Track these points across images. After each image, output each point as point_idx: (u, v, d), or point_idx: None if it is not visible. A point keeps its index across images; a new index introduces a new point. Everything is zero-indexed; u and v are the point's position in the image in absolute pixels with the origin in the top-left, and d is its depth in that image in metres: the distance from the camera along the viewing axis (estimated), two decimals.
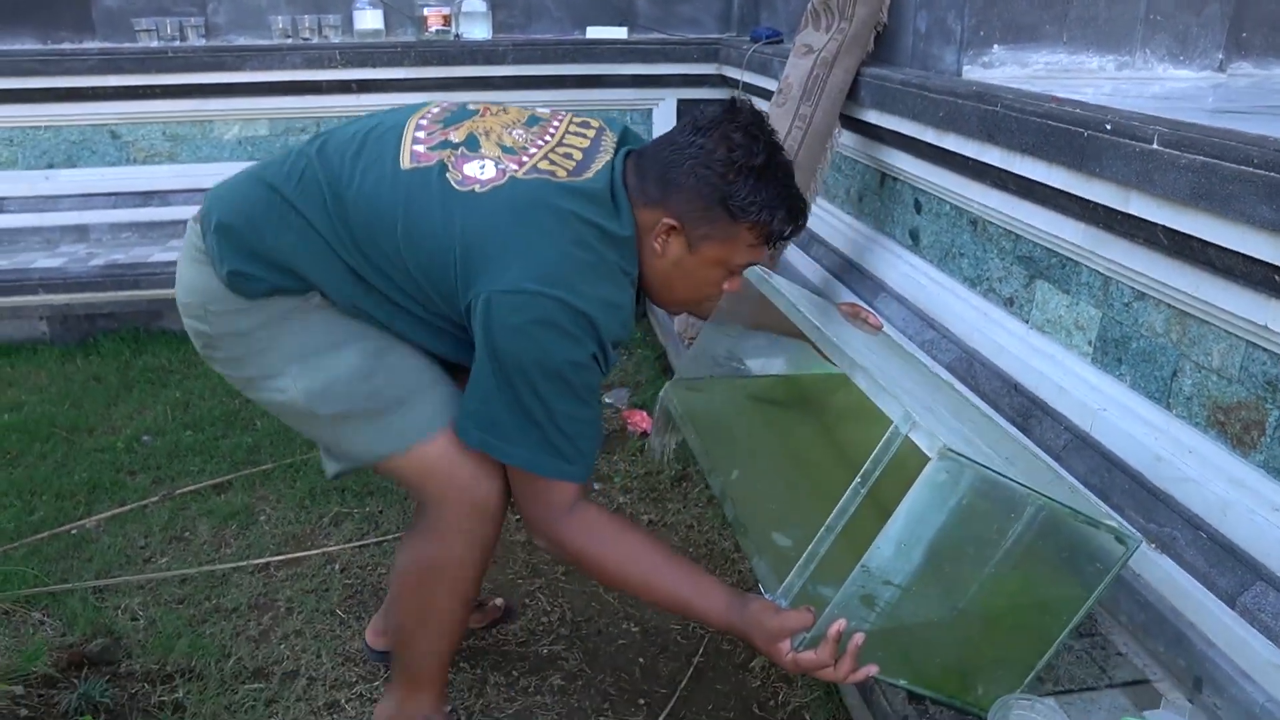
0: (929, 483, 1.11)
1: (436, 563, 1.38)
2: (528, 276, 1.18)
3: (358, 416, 1.35)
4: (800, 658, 1.19)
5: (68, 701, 1.65)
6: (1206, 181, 1.36)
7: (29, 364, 3.24)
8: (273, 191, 1.30)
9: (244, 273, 1.30)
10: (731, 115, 1.28)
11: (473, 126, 1.33)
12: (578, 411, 1.25)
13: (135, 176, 3.81)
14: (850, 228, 2.85)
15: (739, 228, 1.29)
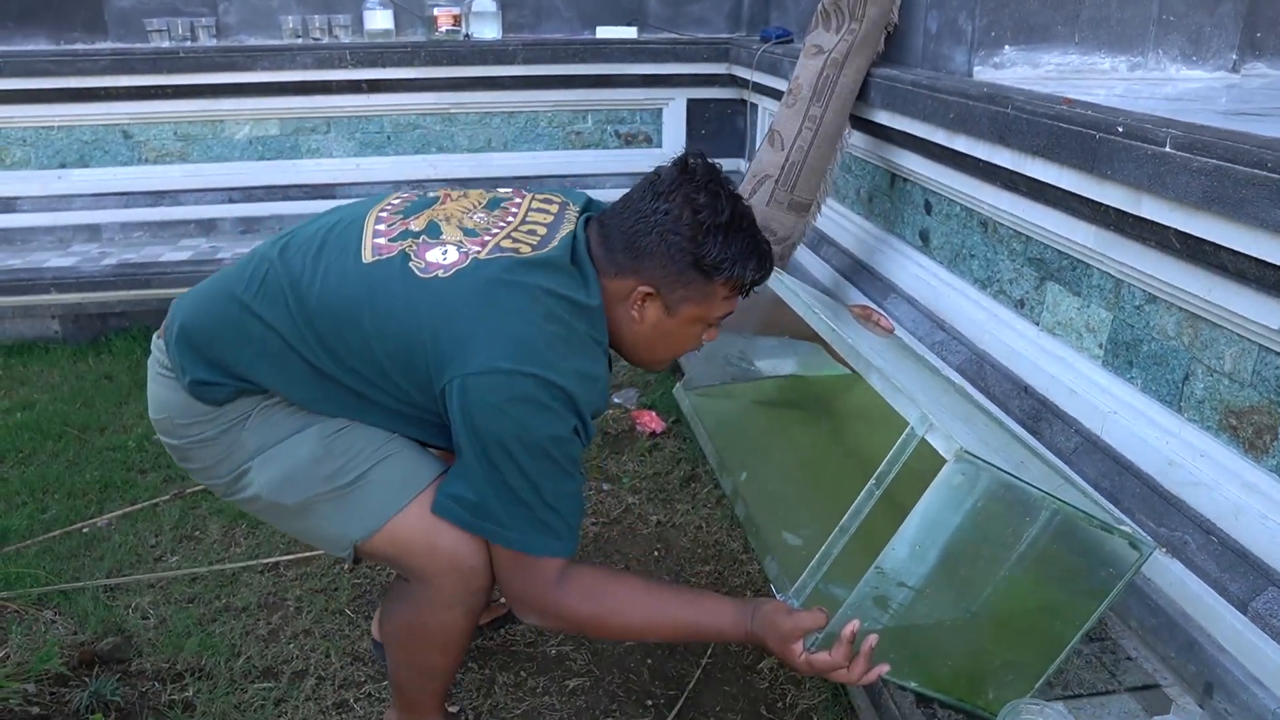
0: (945, 485, 1.10)
1: (427, 630, 1.36)
2: (501, 356, 1.18)
3: (323, 501, 1.32)
4: (814, 659, 1.19)
5: (79, 699, 1.66)
6: (1219, 185, 1.35)
7: (41, 363, 3.26)
8: (233, 301, 1.30)
9: (206, 381, 1.31)
10: (689, 175, 1.27)
11: (433, 214, 1.33)
12: (563, 485, 1.24)
13: (147, 176, 3.83)
14: (860, 228, 2.84)
15: (714, 285, 1.29)
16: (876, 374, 1.28)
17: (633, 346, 1.36)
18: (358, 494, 1.31)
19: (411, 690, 1.49)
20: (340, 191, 3.96)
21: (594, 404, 1.25)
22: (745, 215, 1.30)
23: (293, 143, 3.90)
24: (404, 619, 1.38)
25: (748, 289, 1.33)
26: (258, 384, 1.32)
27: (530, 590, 1.27)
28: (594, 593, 1.28)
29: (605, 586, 1.30)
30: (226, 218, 3.90)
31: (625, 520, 2.27)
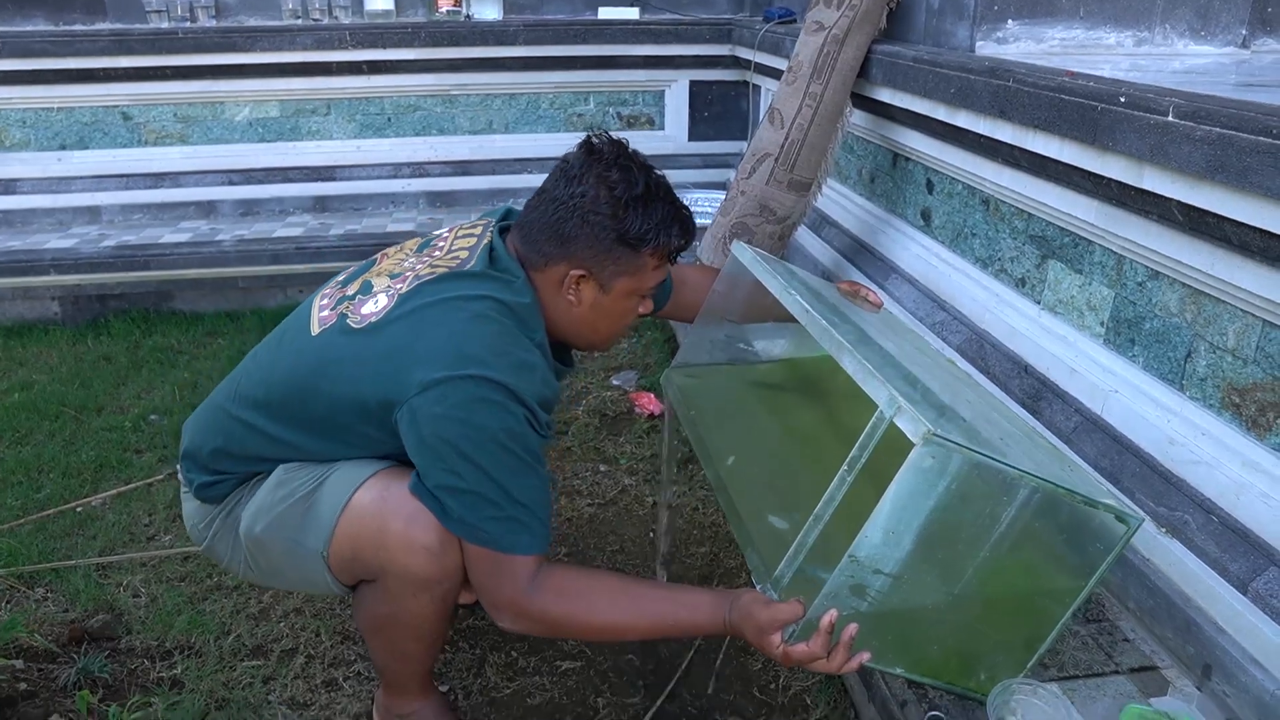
0: (915, 468, 1.07)
1: (397, 620, 1.35)
2: (435, 368, 1.19)
3: (287, 525, 1.33)
4: (792, 650, 1.17)
5: (67, 676, 1.65)
6: (1223, 154, 1.31)
7: (40, 344, 3.26)
8: (220, 411, 1.41)
9: (207, 483, 1.41)
10: (597, 155, 1.30)
11: (366, 276, 1.39)
12: (527, 480, 1.23)
13: (147, 158, 3.82)
14: (862, 209, 2.81)
15: (642, 256, 1.32)
16: (849, 355, 1.25)
17: (577, 330, 1.38)
18: (313, 507, 1.31)
19: (394, 674, 1.48)
20: (340, 174, 3.95)
21: (538, 392, 1.25)
22: (660, 184, 1.33)
23: (293, 124, 3.88)
24: (373, 611, 1.37)
25: (674, 255, 1.37)
26: (252, 472, 1.40)
27: (504, 590, 1.25)
28: (570, 593, 1.26)
29: (580, 584, 1.28)
30: (226, 199, 3.88)
31: (621, 501, 2.25)
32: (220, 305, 3.55)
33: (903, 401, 1.10)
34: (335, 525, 1.28)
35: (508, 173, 4.01)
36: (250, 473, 1.40)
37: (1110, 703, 1.38)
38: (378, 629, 1.39)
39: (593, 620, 1.27)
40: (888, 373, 1.21)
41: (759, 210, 2.52)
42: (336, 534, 1.29)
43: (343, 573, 1.33)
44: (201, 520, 1.46)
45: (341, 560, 1.31)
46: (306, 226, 3.75)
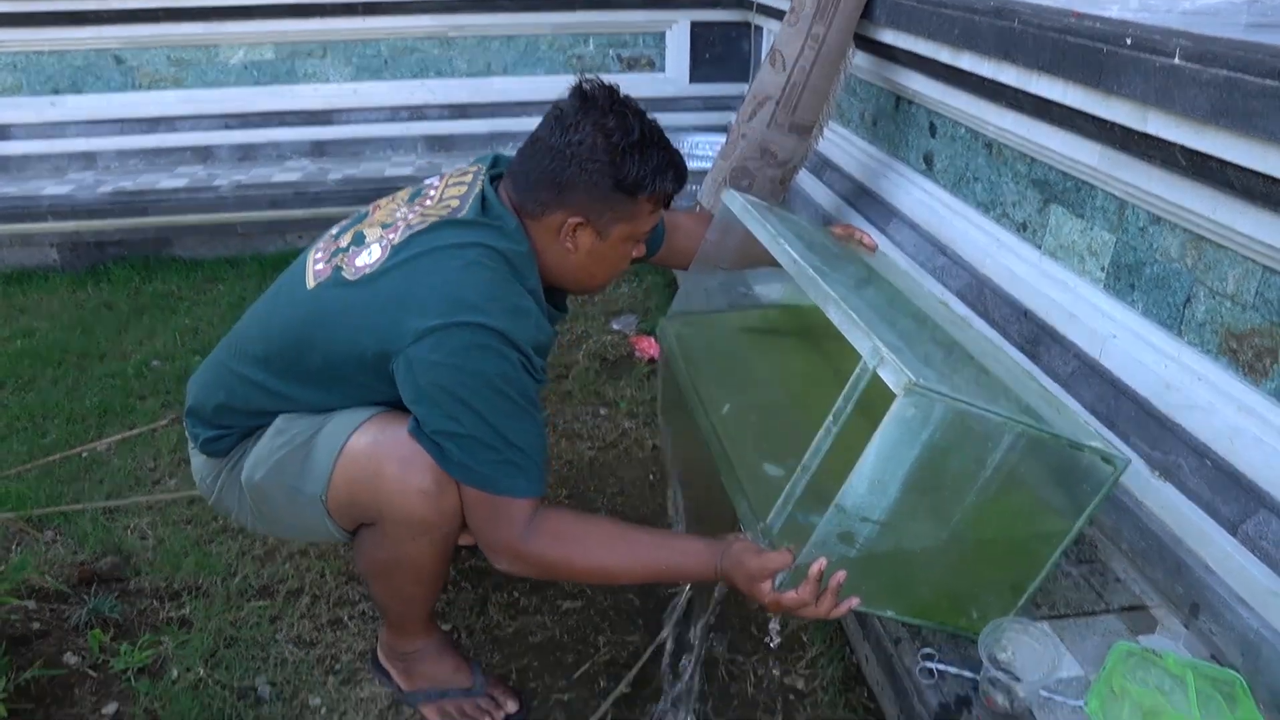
0: (897, 419, 1.08)
1: (397, 564, 1.37)
2: (430, 316, 1.20)
3: (285, 467, 1.34)
4: (782, 597, 1.20)
5: (78, 616, 1.69)
6: (1228, 97, 1.30)
7: (40, 290, 3.26)
8: (221, 367, 1.43)
9: (211, 437, 1.44)
10: (591, 102, 1.29)
11: (358, 227, 1.38)
12: (522, 423, 1.24)
13: (142, 102, 3.77)
14: (864, 152, 2.78)
15: (639, 202, 1.32)
16: (834, 305, 1.25)
17: (574, 276, 1.39)
18: (311, 453, 1.32)
19: (396, 614, 1.51)
20: (338, 117, 3.90)
21: (532, 337, 1.26)
22: (654, 129, 1.33)
23: (289, 67, 3.82)
24: (373, 556, 1.39)
25: (669, 200, 1.37)
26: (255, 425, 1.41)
27: (502, 533, 1.27)
28: (565, 535, 1.29)
29: (576, 529, 1.30)
30: (223, 144, 3.85)
31: (621, 444, 2.27)
32: (220, 251, 3.54)
33: (885, 352, 1.10)
34: (332, 470, 1.29)
35: (507, 115, 3.97)
36: (253, 426, 1.41)
37: (1099, 640, 1.41)
38: (378, 573, 1.41)
39: (588, 564, 1.29)
40: (874, 322, 1.21)
41: (759, 154, 2.50)
42: (333, 479, 1.30)
43: (342, 517, 1.35)
44: (209, 475, 1.48)
45: (340, 505, 1.33)
46: (305, 171, 3.73)
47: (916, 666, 1.37)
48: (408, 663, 1.54)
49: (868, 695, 1.56)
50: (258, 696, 1.56)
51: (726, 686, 1.60)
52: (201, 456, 1.48)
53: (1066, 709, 1.29)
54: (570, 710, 1.56)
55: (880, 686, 1.52)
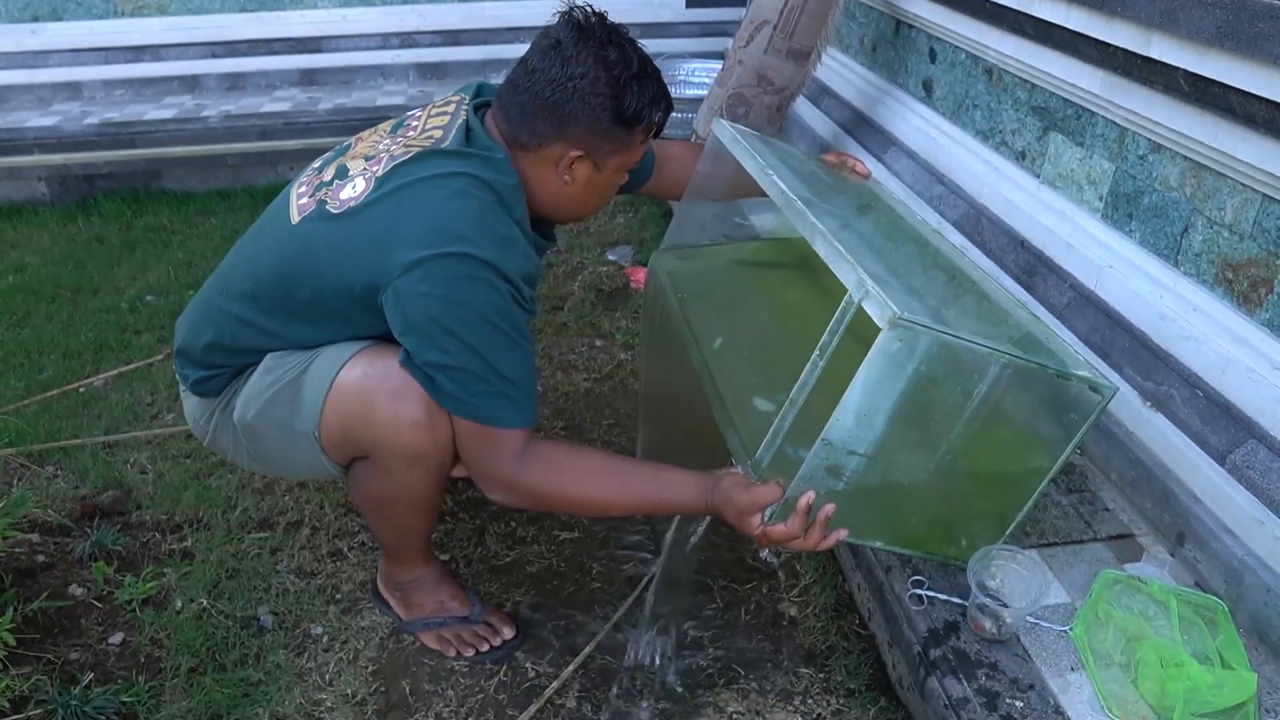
0: (883, 352, 1.08)
1: (391, 495, 1.38)
2: (418, 247, 1.19)
3: (276, 404, 1.34)
4: (770, 530, 1.22)
5: (82, 549, 1.71)
6: (1234, 19, 1.26)
7: (30, 225, 3.23)
8: (210, 305, 1.42)
9: (201, 378, 1.44)
10: (587, 32, 1.26)
11: (341, 160, 1.36)
12: (514, 355, 1.24)
13: (125, 30, 3.68)
14: (863, 79, 2.73)
15: (635, 134, 1.32)
16: (821, 238, 1.24)
17: (568, 206, 1.38)
18: (302, 389, 1.32)
19: (394, 545, 1.53)
20: (327, 45, 3.81)
21: (521, 267, 1.25)
22: (646, 58, 1.32)
23: None
24: (368, 488, 1.40)
25: (659, 130, 1.38)
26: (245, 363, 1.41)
27: (494, 464, 1.28)
28: (557, 466, 1.29)
29: (568, 460, 1.31)
30: (211, 73, 3.77)
31: (617, 376, 2.28)
32: (210, 184, 3.49)
33: (870, 285, 1.10)
34: (323, 405, 1.30)
35: (500, 42, 3.88)
36: (244, 365, 1.41)
37: (1086, 568, 1.44)
38: (374, 505, 1.43)
39: (579, 495, 1.30)
40: (861, 254, 1.20)
41: (756, 80, 2.45)
42: (325, 414, 1.30)
43: (336, 452, 1.36)
44: (202, 415, 1.48)
45: (332, 440, 1.33)
46: (294, 101, 3.66)
47: (906, 593, 1.40)
48: (405, 592, 1.57)
49: (859, 622, 1.59)
50: (260, 626, 1.59)
51: (720, 613, 1.63)
52: (194, 398, 1.48)
53: (1052, 634, 1.32)
54: (566, 637, 1.60)
55: (871, 613, 1.55)
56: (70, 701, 1.39)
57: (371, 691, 1.48)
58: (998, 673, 1.27)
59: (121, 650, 1.54)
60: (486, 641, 1.55)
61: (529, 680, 1.52)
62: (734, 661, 1.54)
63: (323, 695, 1.47)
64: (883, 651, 1.51)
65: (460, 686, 1.50)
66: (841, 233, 1.28)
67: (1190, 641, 1.28)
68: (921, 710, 1.34)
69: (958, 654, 1.30)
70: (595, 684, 1.51)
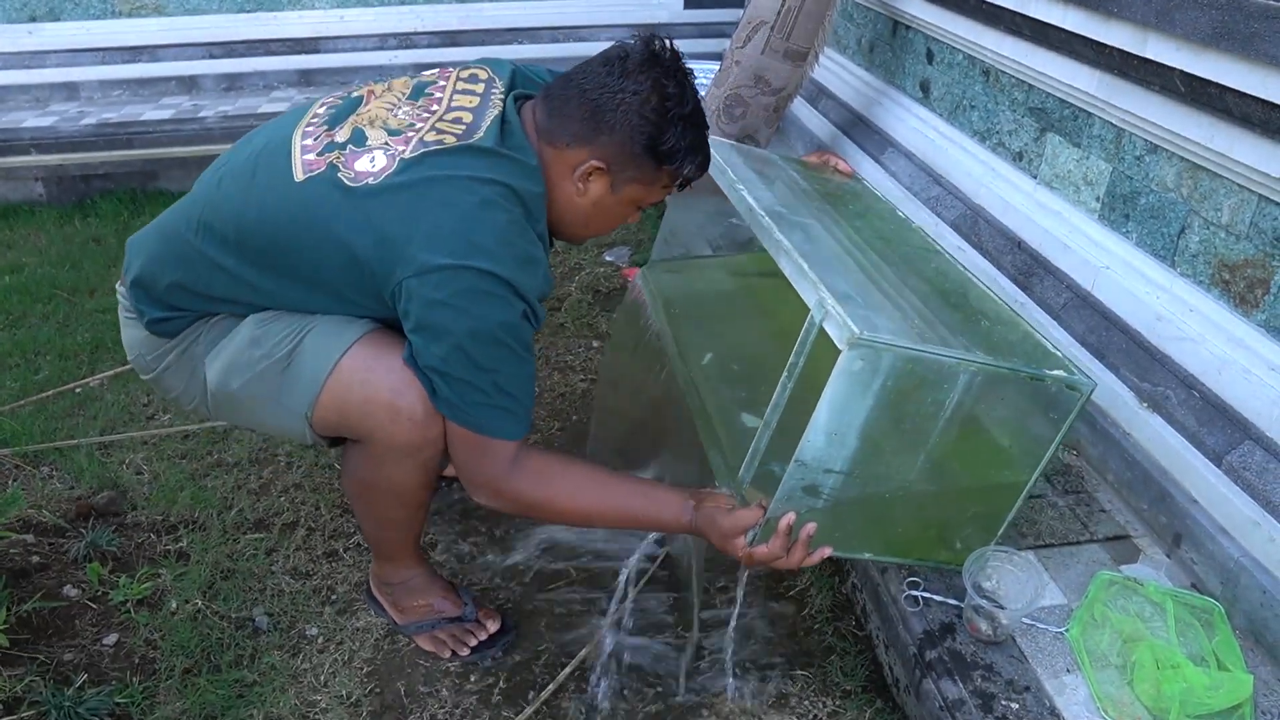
0: (845, 372, 1.08)
1: (379, 485, 1.38)
2: (441, 252, 1.16)
3: (266, 381, 1.32)
4: (754, 552, 1.23)
5: (77, 549, 1.71)
6: (1229, 19, 1.26)
7: (27, 225, 3.22)
8: (181, 242, 1.33)
9: (160, 318, 1.37)
10: (658, 60, 1.25)
11: (356, 120, 1.30)
12: (518, 371, 1.24)
13: (123, 30, 3.68)
14: (860, 80, 2.73)
15: (661, 172, 1.29)
16: (785, 256, 1.24)
17: (570, 220, 1.34)
18: (294, 366, 1.30)
19: (383, 543, 1.52)
20: (325, 45, 3.81)
21: (538, 288, 1.24)
22: (701, 111, 1.30)
23: None
24: (357, 476, 1.39)
25: (686, 184, 1.34)
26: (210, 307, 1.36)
27: (485, 472, 1.28)
28: (546, 478, 1.30)
29: (557, 472, 1.31)
30: (208, 74, 3.76)
31: None
32: None
33: (830, 305, 1.10)
34: (321, 389, 1.28)
35: (498, 43, 3.88)
36: (210, 311, 1.36)
37: (1083, 569, 1.43)
38: (362, 493, 1.42)
39: (566, 507, 1.31)
40: (827, 269, 1.20)
41: (753, 81, 2.44)
42: (322, 398, 1.29)
43: (325, 430, 1.34)
44: (150, 351, 1.41)
45: (326, 423, 1.32)
46: (292, 101, 3.65)
47: (902, 595, 1.39)
48: (397, 595, 1.56)
49: (855, 623, 1.59)
50: (255, 627, 1.59)
51: (718, 613, 1.63)
52: (143, 332, 1.40)
53: (1048, 635, 1.32)
54: (562, 637, 1.59)
55: (867, 614, 1.55)
56: (64, 703, 1.39)
57: (366, 693, 1.48)
58: (993, 674, 1.26)
59: (116, 651, 1.54)
60: (474, 637, 1.54)
61: (524, 681, 1.51)
62: (730, 662, 1.53)
63: (317, 696, 1.46)
64: (879, 653, 1.50)
65: (455, 687, 1.50)
66: (809, 246, 1.29)
67: (1186, 643, 1.28)
68: (917, 712, 1.34)
69: (953, 655, 1.30)
70: (590, 685, 1.51)
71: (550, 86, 1.31)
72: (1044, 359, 1.24)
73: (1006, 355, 1.21)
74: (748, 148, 1.76)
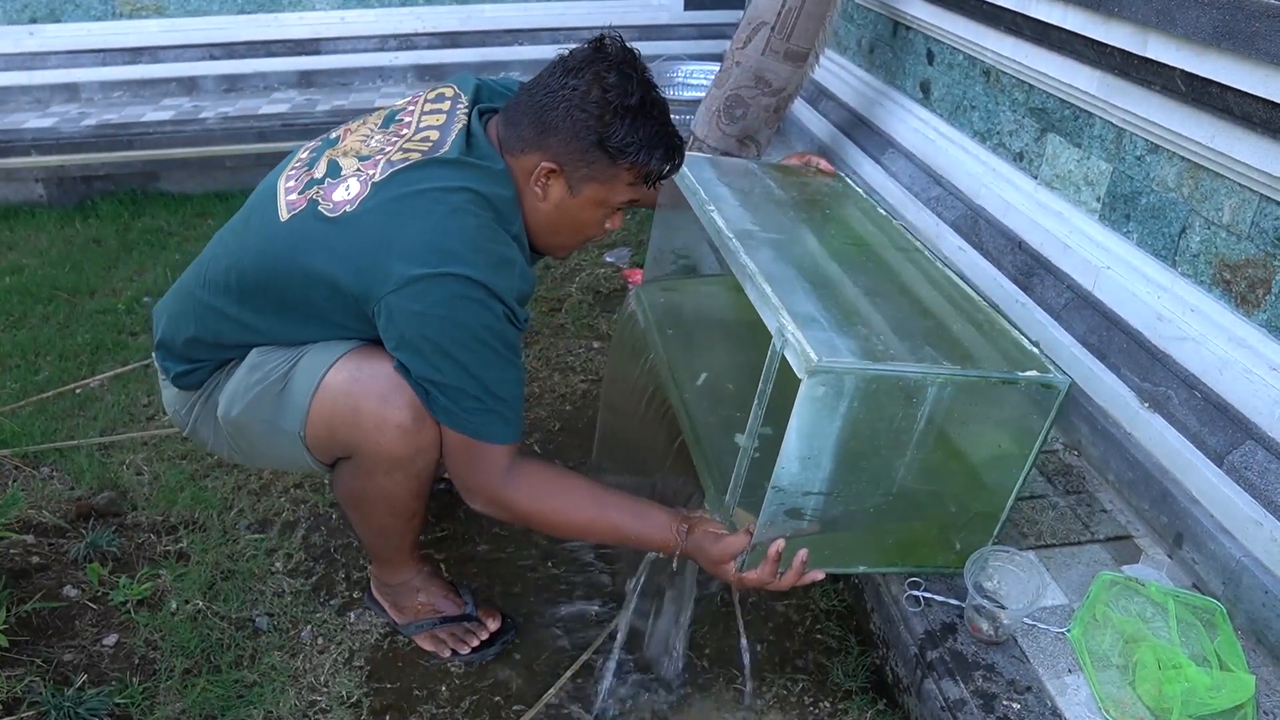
0: (808, 399, 1.09)
1: (370, 496, 1.38)
2: (415, 264, 1.17)
3: (262, 402, 1.33)
4: (745, 577, 1.26)
5: (77, 550, 1.70)
6: (1230, 19, 1.26)
7: (28, 226, 3.22)
8: (191, 298, 1.39)
9: (183, 371, 1.43)
10: (602, 55, 1.24)
11: (332, 155, 1.34)
12: (506, 373, 1.24)
13: (123, 32, 3.68)
14: (860, 80, 2.73)
15: (618, 169, 1.27)
16: (750, 282, 1.25)
17: (537, 228, 1.34)
18: (288, 387, 1.31)
19: (379, 548, 1.52)
20: (325, 46, 3.81)
21: (516, 288, 1.24)
22: (657, 103, 1.27)
23: None
24: (348, 487, 1.39)
25: (654, 179, 1.31)
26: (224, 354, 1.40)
27: (480, 477, 1.28)
28: (541, 490, 1.31)
29: (552, 485, 1.32)
30: (208, 75, 3.77)
31: None
32: (208, 185, 3.49)
33: (789, 333, 1.11)
34: (309, 406, 1.29)
35: (498, 44, 3.88)
36: (226, 359, 1.40)
37: (1084, 569, 1.43)
38: (354, 505, 1.42)
39: (559, 519, 1.33)
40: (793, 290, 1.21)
41: (754, 82, 2.44)
42: (311, 415, 1.30)
43: (320, 452, 1.35)
44: (182, 406, 1.47)
45: (318, 440, 1.32)
46: (292, 102, 3.66)
47: (903, 595, 1.39)
48: (396, 596, 1.56)
49: (856, 624, 1.58)
50: (256, 627, 1.59)
51: (720, 615, 1.62)
52: (173, 389, 1.46)
53: (1050, 636, 1.32)
54: (564, 637, 1.59)
55: (868, 614, 1.54)
56: (64, 703, 1.38)
57: (366, 693, 1.47)
58: (995, 674, 1.26)
59: (116, 652, 1.53)
60: (475, 636, 1.54)
61: (526, 681, 1.51)
62: (731, 663, 1.53)
63: (317, 697, 1.46)
64: (880, 653, 1.50)
65: (455, 687, 1.50)
66: (777, 267, 1.29)
67: (1188, 643, 1.27)
68: (919, 712, 1.34)
69: (955, 655, 1.29)
70: (592, 685, 1.51)
71: (510, 99, 1.32)
72: (1020, 357, 1.23)
73: (980, 358, 1.20)
74: (724, 159, 1.77)
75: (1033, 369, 1.19)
